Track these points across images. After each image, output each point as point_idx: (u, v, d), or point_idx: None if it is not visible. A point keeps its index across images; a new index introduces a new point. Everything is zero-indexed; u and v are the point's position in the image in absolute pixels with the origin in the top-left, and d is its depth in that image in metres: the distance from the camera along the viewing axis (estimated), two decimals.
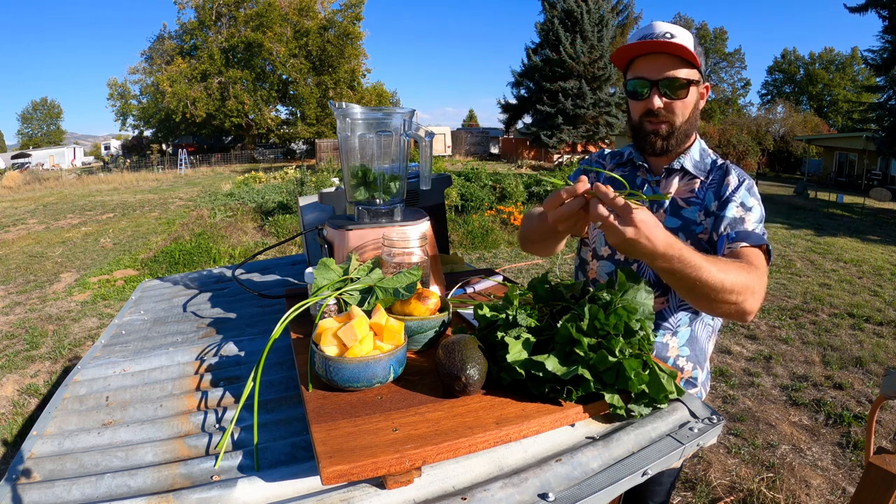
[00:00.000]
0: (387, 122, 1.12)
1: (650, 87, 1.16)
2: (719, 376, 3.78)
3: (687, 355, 1.31)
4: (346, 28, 30.20)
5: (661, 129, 1.19)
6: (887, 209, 14.35)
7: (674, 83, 1.14)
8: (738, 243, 1.10)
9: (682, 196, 1.24)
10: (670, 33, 1.13)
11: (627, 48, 1.17)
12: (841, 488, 2.57)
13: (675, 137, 1.20)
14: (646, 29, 1.17)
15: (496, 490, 0.67)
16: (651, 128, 1.20)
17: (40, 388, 3.71)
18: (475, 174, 10.83)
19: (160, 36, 31.99)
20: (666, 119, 1.18)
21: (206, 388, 0.99)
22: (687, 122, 1.19)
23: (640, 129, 1.22)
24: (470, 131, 36.15)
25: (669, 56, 1.13)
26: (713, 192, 1.21)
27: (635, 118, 1.23)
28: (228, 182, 18.27)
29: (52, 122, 55.98)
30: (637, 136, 1.25)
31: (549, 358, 0.76)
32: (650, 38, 1.13)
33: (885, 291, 5.96)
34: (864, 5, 18.29)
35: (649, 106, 1.16)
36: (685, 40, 1.12)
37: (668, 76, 1.14)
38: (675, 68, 1.13)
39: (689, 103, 1.18)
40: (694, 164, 1.24)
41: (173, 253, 7.23)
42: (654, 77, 1.15)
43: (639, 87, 1.17)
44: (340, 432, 0.69)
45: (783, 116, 28.43)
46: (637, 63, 1.18)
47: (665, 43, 1.11)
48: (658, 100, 1.15)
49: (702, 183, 1.23)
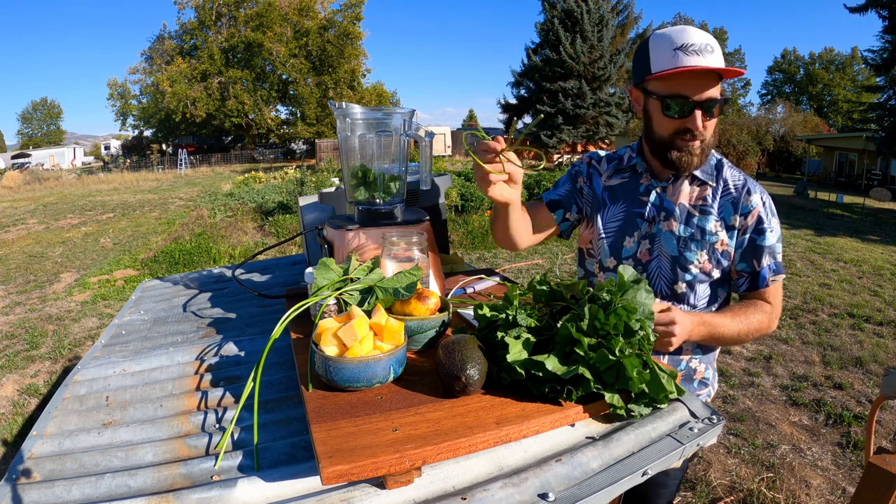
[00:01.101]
0: (387, 122, 1.12)
1: (692, 108, 1.09)
2: (719, 376, 3.78)
3: (700, 357, 1.30)
4: (346, 28, 30.21)
5: (695, 146, 1.13)
6: (887, 209, 14.35)
7: (714, 103, 1.09)
8: (779, 276, 1.20)
9: (693, 203, 1.20)
10: (710, 45, 1.05)
11: (676, 71, 1.06)
12: (841, 488, 2.57)
13: (704, 153, 1.16)
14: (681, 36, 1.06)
15: (496, 490, 0.67)
16: (684, 145, 1.13)
17: (40, 388, 3.71)
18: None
19: (160, 36, 32.02)
20: (701, 137, 1.13)
21: (206, 388, 0.99)
22: (713, 136, 1.16)
23: (671, 145, 1.15)
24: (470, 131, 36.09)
25: (712, 75, 1.07)
26: (731, 203, 1.19)
27: (664, 134, 1.15)
28: (228, 182, 18.28)
29: (52, 122, 55.99)
30: (663, 152, 1.17)
31: (549, 358, 0.76)
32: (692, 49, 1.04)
33: (885, 291, 5.96)
34: (864, 5, 18.29)
35: (689, 126, 1.10)
36: (720, 57, 1.07)
37: (710, 97, 1.08)
38: (714, 86, 1.08)
39: (716, 121, 1.14)
40: (702, 169, 1.20)
41: (173, 253, 7.24)
42: (697, 98, 1.08)
43: (678, 105, 1.09)
44: (340, 432, 0.69)
45: (783, 116, 28.40)
46: (679, 78, 1.08)
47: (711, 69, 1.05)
48: (701, 121, 1.09)
49: (713, 190, 1.20)
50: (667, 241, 1.21)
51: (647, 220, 1.23)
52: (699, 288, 1.23)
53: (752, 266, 1.19)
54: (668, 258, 1.20)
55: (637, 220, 1.24)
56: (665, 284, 1.23)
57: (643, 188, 1.25)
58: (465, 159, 25.63)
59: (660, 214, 1.22)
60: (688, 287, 1.22)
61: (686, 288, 1.22)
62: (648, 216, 1.23)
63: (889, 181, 18.40)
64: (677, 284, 1.22)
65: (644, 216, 1.23)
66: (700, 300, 1.24)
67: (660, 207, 1.22)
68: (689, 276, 1.20)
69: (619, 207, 1.28)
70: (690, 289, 1.22)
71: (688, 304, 1.24)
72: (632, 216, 1.25)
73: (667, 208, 1.21)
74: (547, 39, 24.01)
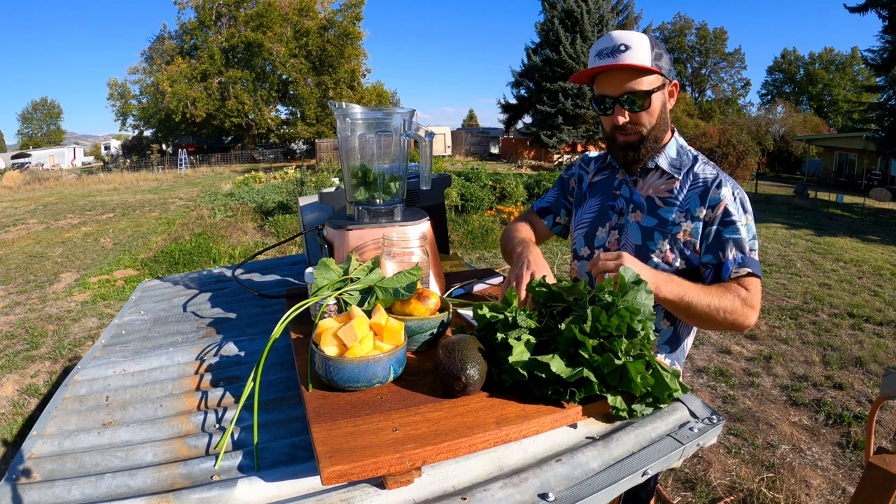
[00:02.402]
0: (387, 122, 1.13)
1: (613, 104, 1.18)
2: (719, 376, 3.78)
3: (666, 352, 1.31)
4: (346, 28, 30.19)
5: (632, 139, 1.22)
6: (887, 209, 14.36)
7: (635, 97, 1.16)
8: (743, 269, 1.15)
9: (660, 195, 1.25)
10: (625, 45, 1.13)
11: (586, 71, 1.20)
12: (841, 488, 2.57)
13: (646, 146, 1.23)
14: (602, 42, 1.17)
15: (496, 490, 0.67)
16: (622, 139, 1.23)
17: (40, 388, 3.71)
18: (475, 174, 10.83)
19: (160, 36, 31.99)
20: (633, 130, 1.20)
21: (206, 388, 0.99)
22: (655, 128, 1.21)
23: (613, 140, 1.25)
24: (470, 131, 36.12)
25: (626, 71, 1.15)
26: (698, 195, 1.21)
27: (607, 131, 1.26)
28: (228, 182, 18.28)
29: (52, 122, 55.96)
30: (610, 147, 1.29)
31: (553, 359, 0.76)
32: (606, 53, 1.15)
33: (885, 291, 5.96)
34: (864, 5, 18.29)
35: (615, 122, 1.20)
36: (640, 51, 1.13)
37: (629, 90, 1.16)
38: (635, 80, 1.15)
39: (655, 111, 1.19)
40: (670, 161, 1.25)
41: (173, 253, 7.24)
42: (614, 94, 1.17)
43: (602, 103, 1.20)
44: (340, 432, 0.69)
45: (783, 116, 28.42)
46: (599, 80, 1.20)
47: (619, 65, 1.13)
48: (622, 116, 1.18)
49: (681, 183, 1.23)
50: (633, 232, 1.27)
51: (616, 211, 1.31)
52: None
53: (717, 258, 1.19)
54: (633, 247, 1.26)
55: (609, 213, 1.33)
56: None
57: (617, 182, 1.34)
58: (465, 159, 25.64)
59: (628, 206, 1.28)
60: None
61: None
62: (618, 208, 1.30)
63: (889, 181, 18.41)
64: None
65: (615, 208, 1.31)
66: None
67: (629, 200, 1.29)
68: (651, 265, 1.22)
69: (595, 201, 1.37)
70: None
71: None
72: (605, 208, 1.34)
73: (635, 201, 1.28)
74: (547, 39, 24.02)
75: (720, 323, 1.12)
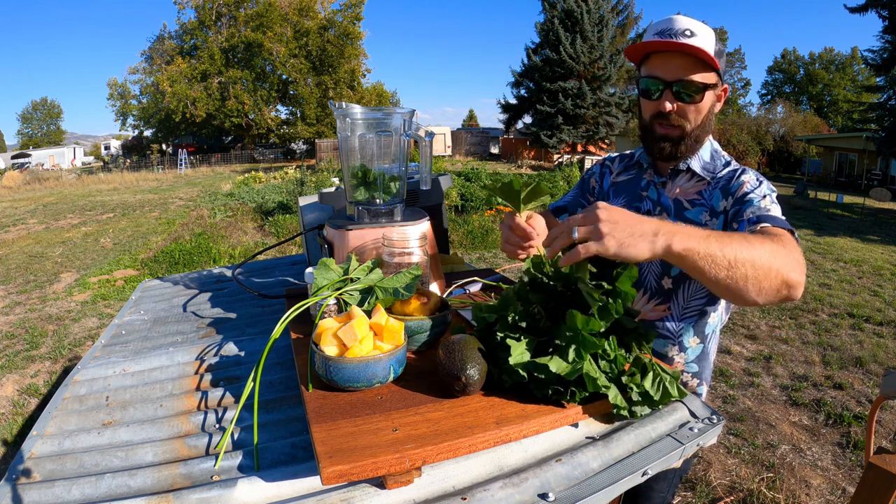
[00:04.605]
0: (387, 122, 1.12)
1: (663, 88, 1.10)
2: (719, 376, 3.78)
3: (694, 371, 1.27)
4: (346, 28, 30.18)
5: (672, 133, 1.13)
6: (887, 209, 14.35)
7: (689, 86, 1.08)
8: (761, 224, 0.98)
9: (688, 198, 1.19)
10: (690, 30, 1.05)
11: (644, 44, 1.10)
12: (841, 488, 2.57)
13: (686, 143, 1.14)
14: (665, 23, 1.08)
15: (496, 490, 0.67)
16: (662, 132, 1.14)
17: (40, 388, 3.71)
18: (475, 174, 10.83)
19: (160, 36, 31.98)
20: (677, 123, 1.12)
21: (206, 388, 0.99)
22: (699, 128, 1.14)
23: (650, 130, 1.16)
24: (470, 131, 36.12)
25: (687, 56, 1.06)
26: (720, 190, 1.15)
27: (645, 118, 1.17)
28: (228, 182, 18.27)
29: (52, 122, 55.95)
30: (646, 138, 1.19)
31: (552, 359, 0.76)
32: (668, 34, 1.06)
33: (885, 291, 5.96)
34: (864, 5, 18.30)
35: (660, 108, 1.11)
36: (705, 41, 1.05)
37: (683, 78, 1.07)
38: (692, 71, 1.07)
39: (704, 108, 1.12)
40: (703, 165, 1.18)
41: (173, 253, 7.24)
42: (668, 78, 1.08)
43: (651, 86, 1.11)
44: (340, 432, 0.69)
45: (783, 116, 28.40)
46: (652, 60, 1.11)
47: (682, 44, 1.04)
48: (670, 103, 1.10)
49: (709, 185, 1.18)
50: None
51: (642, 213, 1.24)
52: (690, 285, 1.21)
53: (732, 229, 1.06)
54: None
55: None
56: (654, 279, 1.23)
57: (644, 183, 1.26)
58: (465, 159, 25.64)
59: (655, 209, 1.22)
60: (674, 283, 1.21)
61: (672, 284, 1.21)
62: (644, 210, 1.24)
63: (889, 181, 18.40)
64: (665, 279, 1.21)
65: (640, 210, 1.23)
66: (693, 298, 1.22)
67: (656, 202, 1.22)
68: (675, 271, 1.18)
69: (619, 201, 1.29)
70: (677, 285, 1.21)
71: (677, 301, 1.22)
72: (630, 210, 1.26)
73: (663, 203, 1.21)
74: (547, 39, 24.02)
75: (766, 276, 0.82)
